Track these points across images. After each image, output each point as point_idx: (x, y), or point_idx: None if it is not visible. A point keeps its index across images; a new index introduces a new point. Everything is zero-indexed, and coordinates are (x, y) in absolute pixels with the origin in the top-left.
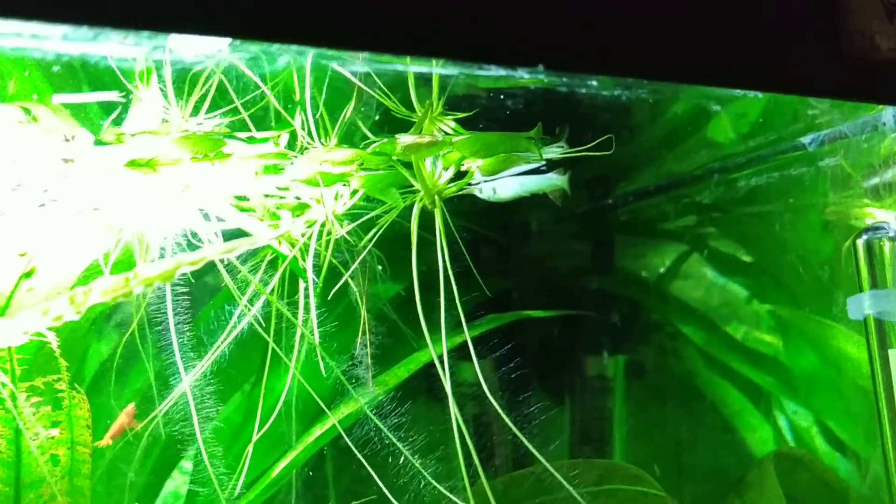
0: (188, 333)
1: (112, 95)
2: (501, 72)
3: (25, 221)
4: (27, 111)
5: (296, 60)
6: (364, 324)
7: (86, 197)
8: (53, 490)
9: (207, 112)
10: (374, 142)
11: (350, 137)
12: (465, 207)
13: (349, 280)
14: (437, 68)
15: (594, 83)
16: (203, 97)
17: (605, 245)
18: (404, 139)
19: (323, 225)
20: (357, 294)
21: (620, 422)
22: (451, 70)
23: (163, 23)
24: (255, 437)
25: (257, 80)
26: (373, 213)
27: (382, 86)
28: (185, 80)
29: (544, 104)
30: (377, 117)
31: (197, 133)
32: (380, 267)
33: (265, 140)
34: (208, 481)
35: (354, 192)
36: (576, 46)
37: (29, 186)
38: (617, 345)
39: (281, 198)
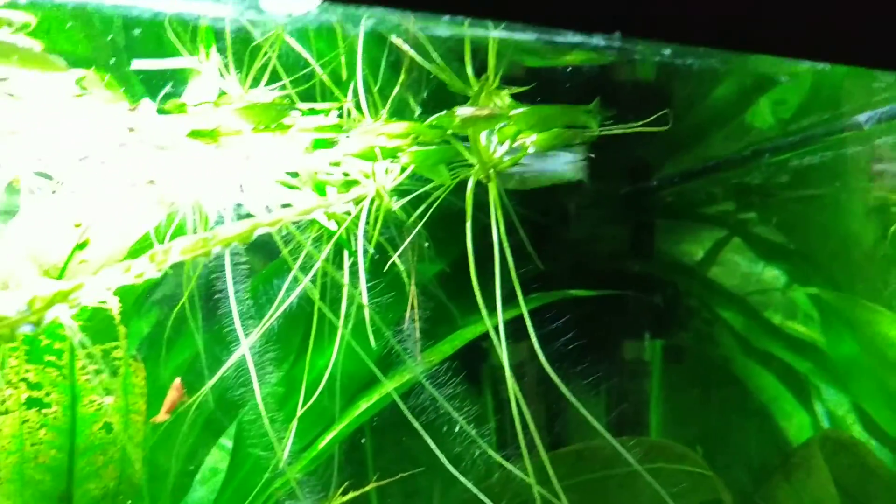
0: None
1: (192, 62)
2: (578, 38)
3: (82, 193)
4: (80, 81)
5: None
6: (413, 299)
7: (142, 168)
8: (106, 458)
9: (267, 83)
10: (430, 116)
11: (399, 112)
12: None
13: (394, 255)
14: (495, 32)
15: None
16: (264, 68)
17: (645, 228)
18: (463, 111)
19: (372, 200)
20: (403, 270)
21: (657, 405)
22: (528, 35)
23: None
24: (299, 411)
25: (306, 54)
26: (426, 188)
27: (437, 59)
28: (245, 51)
29: (589, 81)
30: (425, 93)
31: (260, 103)
32: (427, 244)
33: (325, 112)
34: (250, 456)
35: (405, 168)
36: (654, 14)
37: (88, 158)
38: (655, 328)
39: (328, 174)
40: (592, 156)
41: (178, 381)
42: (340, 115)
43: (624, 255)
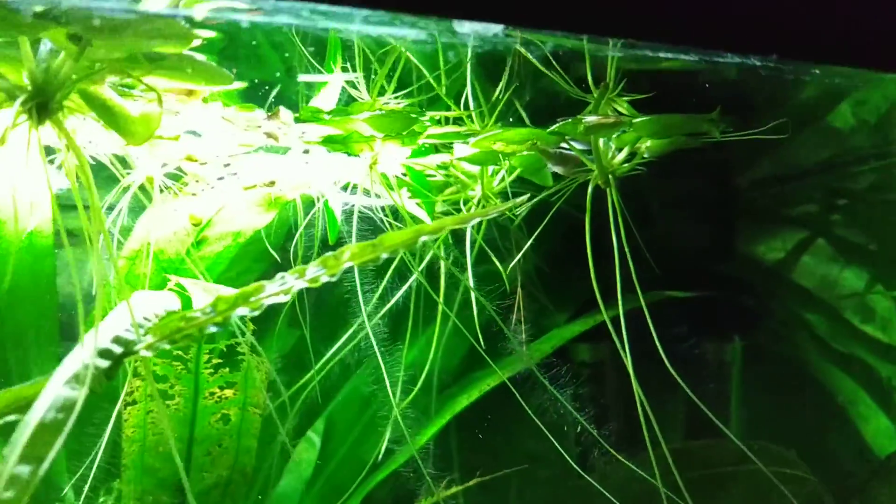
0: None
1: (351, 76)
2: (736, 59)
3: (205, 193)
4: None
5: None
6: (519, 300)
7: (267, 169)
8: (221, 448)
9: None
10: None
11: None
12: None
13: (494, 256)
14: (663, 53)
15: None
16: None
17: (728, 229)
18: (590, 119)
19: (479, 202)
20: (503, 270)
21: (737, 406)
22: (691, 57)
23: (449, 9)
24: (396, 406)
25: (422, 68)
26: (546, 193)
27: (558, 69)
28: (372, 60)
29: (677, 84)
30: (528, 98)
31: (391, 112)
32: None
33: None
34: (340, 448)
35: (511, 171)
36: (811, 37)
37: (217, 159)
38: (736, 329)
39: (431, 176)
40: None
41: None
42: (453, 123)
43: (707, 256)
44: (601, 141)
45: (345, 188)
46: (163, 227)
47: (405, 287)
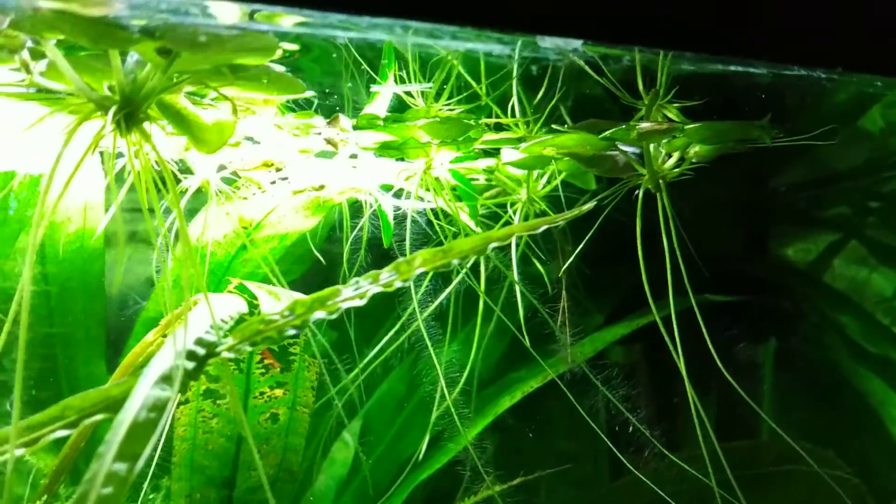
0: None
1: (425, 86)
2: (803, 72)
3: (257, 197)
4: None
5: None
6: (563, 302)
7: (314, 176)
8: (269, 447)
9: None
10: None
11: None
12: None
13: (536, 258)
14: (733, 67)
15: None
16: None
17: (760, 231)
18: (643, 126)
19: (523, 206)
20: (543, 272)
21: (769, 407)
22: (761, 70)
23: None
24: (436, 408)
25: (467, 77)
26: (599, 196)
27: (608, 75)
28: (426, 68)
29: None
30: (570, 103)
31: (448, 118)
32: (569, 247)
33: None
34: (376, 448)
35: (555, 175)
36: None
37: (272, 165)
38: (768, 331)
39: (475, 179)
40: None
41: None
42: (501, 130)
43: (739, 259)
44: (651, 146)
45: (397, 193)
46: (215, 229)
47: (452, 286)
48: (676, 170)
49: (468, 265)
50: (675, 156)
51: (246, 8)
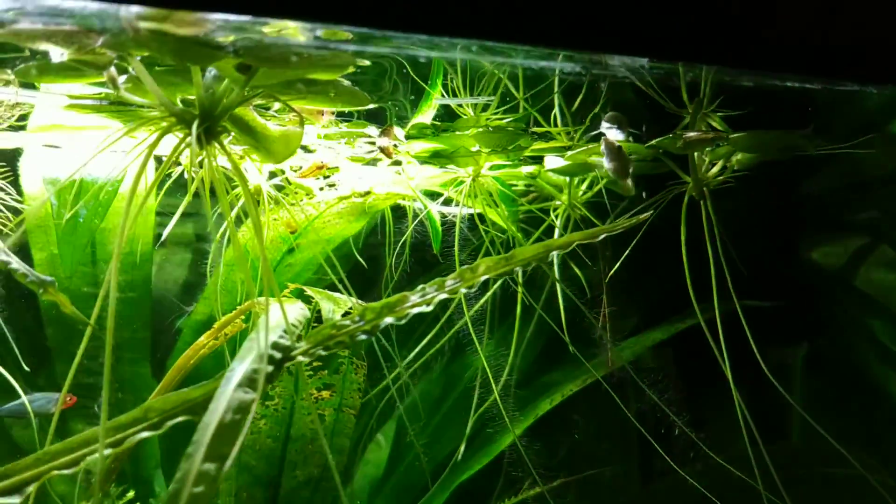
0: None
1: (481, 98)
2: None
3: (304, 203)
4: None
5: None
6: (605, 307)
7: (362, 182)
8: (314, 447)
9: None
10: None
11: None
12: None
13: (575, 262)
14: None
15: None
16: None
17: (791, 235)
18: (689, 135)
19: (564, 211)
20: (583, 278)
21: (799, 411)
22: (816, 86)
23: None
24: (474, 410)
25: (512, 88)
26: (644, 204)
27: (654, 85)
28: (474, 81)
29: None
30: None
31: (498, 128)
32: (608, 252)
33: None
34: (409, 451)
35: (595, 182)
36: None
37: (320, 173)
38: (800, 335)
39: (514, 185)
40: None
41: None
42: (547, 139)
43: (771, 263)
44: (695, 155)
45: (447, 201)
46: (263, 234)
47: (492, 289)
48: (720, 177)
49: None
50: (719, 164)
51: (335, 28)
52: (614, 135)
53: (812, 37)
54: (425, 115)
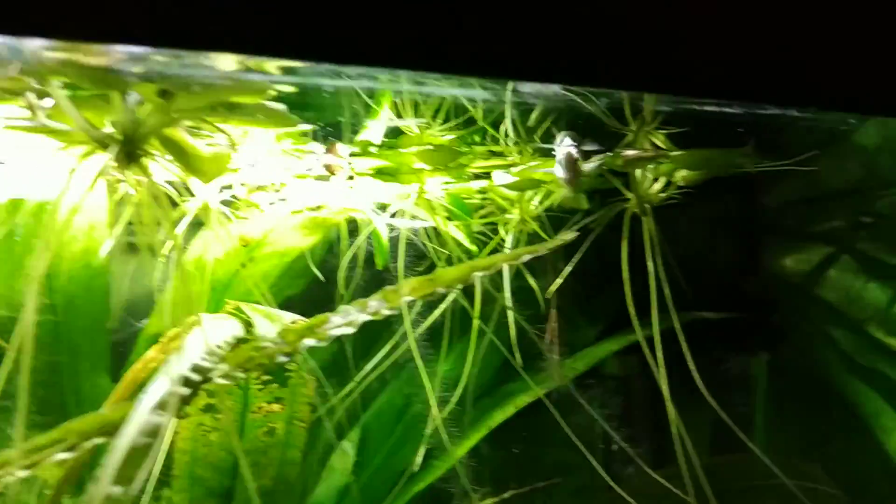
0: None
1: (410, 122)
2: (777, 111)
3: (256, 217)
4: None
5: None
6: (553, 320)
7: (311, 197)
8: (266, 459)
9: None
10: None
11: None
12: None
13: (531, 276)
14: (712, 107)
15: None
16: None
17: (752, 245)
18: (629, 153)
19: (517, 225)
20: (536, 289)
21: (761, 420)
22: (736, 110)
23: (510, 71)
24: (431, 419)
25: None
26: (588, 219)
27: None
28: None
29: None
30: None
31: (440, 146)
32: (560, 264)
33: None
34: (374, 459)
35: (547, 197)
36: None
37: (270, 188)
38: (761, 345)
39: (468, 199)
40: None
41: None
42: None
43: (732, 273)
44: (638, 171)
45: (392, 213)
46: (216, 248)
47: (444, 303)
48: (663, 194)
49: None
50: (662, 181)
51: (237, 58)
52: (568, 150)
53: (725, 60)
54: (372, 133)
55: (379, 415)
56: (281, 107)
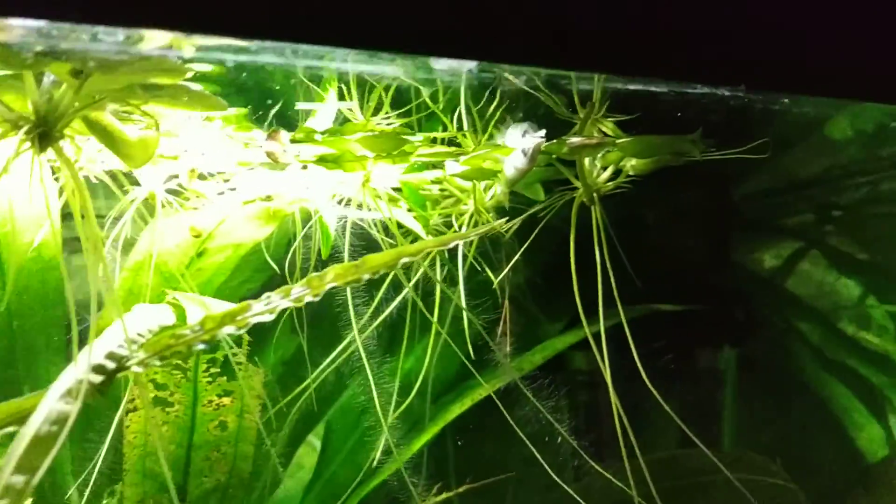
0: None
1: (344, 104)
2: (705, 90)
3: (206, 207)
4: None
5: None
6: (506, 313)
7: (265, 186)
8: (219, 454)
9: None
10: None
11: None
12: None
13: (488, 270)
14: (632, 85)
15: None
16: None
17: (722, 240)
18: (573, 140)
19: (471, 216)
20: (496, 283)
21: (731, 414)
22: (661, 88)
23: (424, 47)
24: (391, 412)
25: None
26: (534, 209)
27: (545, 91)
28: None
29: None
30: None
31: (382, 133)
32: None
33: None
34: (338, 454)
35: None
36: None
37: (217, 176)
38: (731, 338)
39: (427, 190)
40: None
41: None
42: (445, 143)
43: (701, 267)
44: (586, 160)
45: (346, 203)
46: (165, 239)
47: (397, 300)
48: (610, 183)
49: (415, 278)
50: (610, 169)
51: (139, 33)
52: (521, 140)
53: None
54: (321, 120)
55: (343, 410)
56: (197, 87)
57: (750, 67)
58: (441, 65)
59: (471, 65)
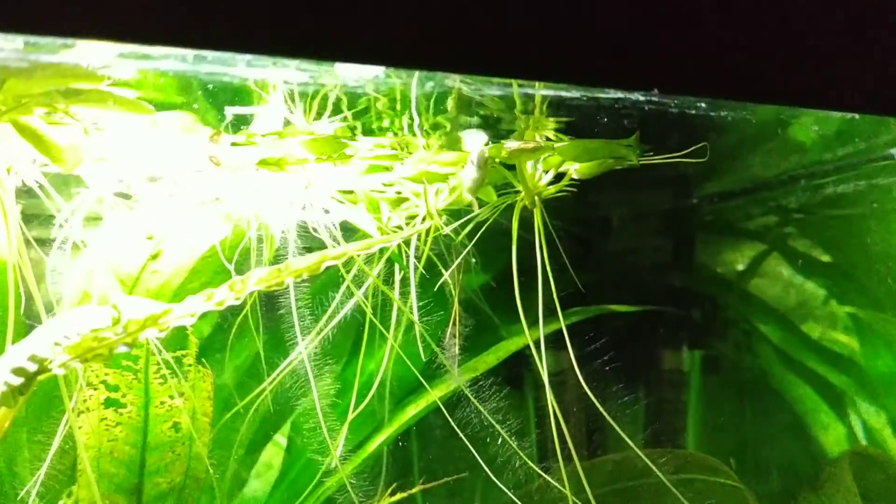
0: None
1: (277, 110)
2: (618, 95)
3: (156, 210)
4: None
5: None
6: (455, 314)
7: (212, 189)
8: (174, 455)
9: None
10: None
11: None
12: (549, 204)
13: (443, 271)
14: (543, 91)
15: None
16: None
17: (685, 242)
18: (510, 144)
19: (423, 219)
20: (450, 285)
21: (695, 415)
22: (573, 94)
23: (332, 54)
24: (350, 414)
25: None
26: (477, 212)
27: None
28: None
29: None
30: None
31: (323, 136)
32: (473, 260)
33: (381, 144)
34: (303, 453)
35: (454, 190)
36: (691, 73)
37: (164, 180)
38: (694, 340)
39: (381, 192)
40: None
41: None
42: (395, 147)
43: (664, 269)
44: (528, 164)
45: (305, 207)
46: (117, 242)
47: (350, 304)
48: (552, 188)
49: (366, 285)
50: (551, 173)
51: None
52: (475, 145)
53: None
54: (267, 123)
55: (307, 412)
56: (126, 93)
57: (670, 70)
58: (348, 71)
59: (377, 70)
